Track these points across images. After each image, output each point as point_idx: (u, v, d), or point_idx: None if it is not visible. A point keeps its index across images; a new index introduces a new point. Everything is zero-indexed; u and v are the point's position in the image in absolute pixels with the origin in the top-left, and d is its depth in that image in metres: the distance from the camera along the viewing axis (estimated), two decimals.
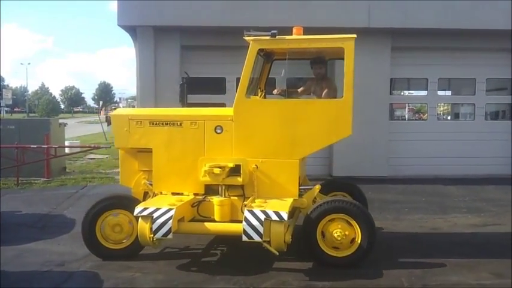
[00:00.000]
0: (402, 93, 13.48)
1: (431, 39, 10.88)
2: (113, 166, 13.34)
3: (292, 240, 4.81)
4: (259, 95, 6.03)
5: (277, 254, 4.70)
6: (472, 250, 5.77)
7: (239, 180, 5.13)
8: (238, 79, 5.23)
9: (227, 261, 5.39)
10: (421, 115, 15.62)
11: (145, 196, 5.70)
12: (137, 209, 4.85)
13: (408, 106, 14.44)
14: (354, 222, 4.94)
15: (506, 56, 11.39)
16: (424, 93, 11.78)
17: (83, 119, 59.60)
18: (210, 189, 5.36)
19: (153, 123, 5.50)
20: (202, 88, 11.12)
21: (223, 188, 5.22)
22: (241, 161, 5.15)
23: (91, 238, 5.26)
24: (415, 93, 13.22)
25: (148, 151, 5.53)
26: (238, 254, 5.54)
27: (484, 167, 11.39)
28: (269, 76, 6.34)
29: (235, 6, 10.13)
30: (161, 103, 10.48)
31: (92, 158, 16.02)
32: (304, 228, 5.01)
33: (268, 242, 4.66)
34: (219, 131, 5.37)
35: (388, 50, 10.87)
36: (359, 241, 4.92)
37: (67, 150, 13.78)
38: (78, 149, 14.68)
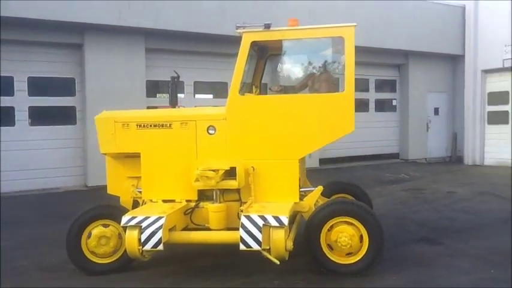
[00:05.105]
0: (163, 96, 12.33)
1: (183, 42, 10.96)
2: None
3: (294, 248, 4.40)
4: (254, 92, 5.66)
5: (278, 263, 4.29)
6: None
7: (234, 183, 4.72)
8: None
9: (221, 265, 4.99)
10: None
11: (135, 204, 5.30)
12: (124, 219, 4.44)
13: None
14: (359, 225, 4.54)
15: None
16: (181, 95, 11.15)
17: None
18: (204, 195, 4.97)
19: (140, 126, 5.12)
20: None
21: (218, 193, 4.83)
22: (237, 163, 4.75)
23: (77, 254, 4.83)
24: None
25: (137, 156, 5.14)
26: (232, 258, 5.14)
27: None
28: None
29: None
30: None
31: None
32: (307, 234, 4.61)
33: (268, 250, 4.26)
34: (211, 132, 4.99)
35: (142, 51, 10.63)
36: (367, 245, 4.52)
37: None
38: None
